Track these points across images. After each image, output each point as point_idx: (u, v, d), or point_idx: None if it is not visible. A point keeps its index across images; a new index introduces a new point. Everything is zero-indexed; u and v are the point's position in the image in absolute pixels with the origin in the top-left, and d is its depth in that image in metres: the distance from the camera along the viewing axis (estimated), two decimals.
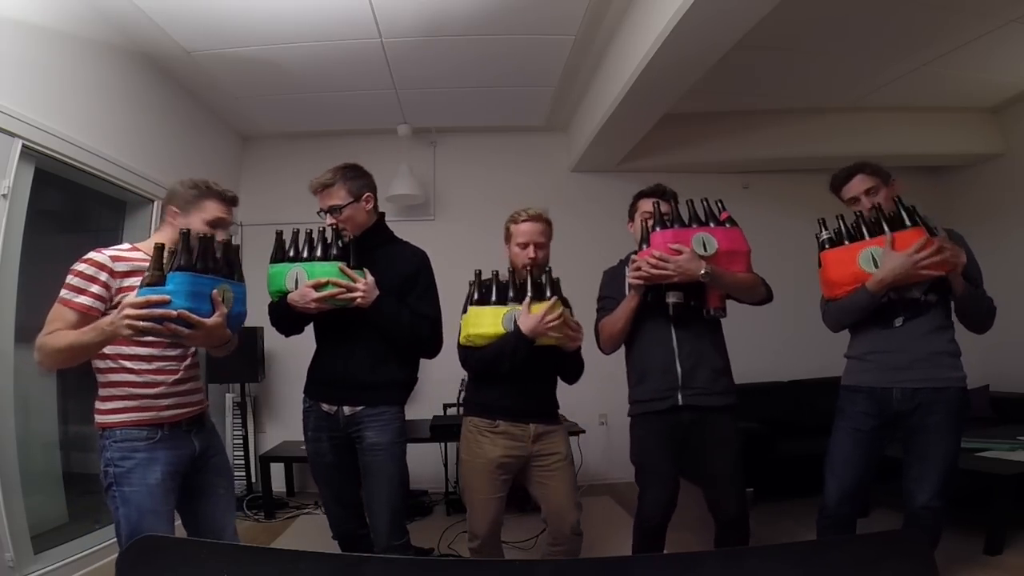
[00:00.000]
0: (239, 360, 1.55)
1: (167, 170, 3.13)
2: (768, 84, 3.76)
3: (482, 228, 3.88)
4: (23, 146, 2.29)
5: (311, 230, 1.85)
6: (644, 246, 1.87)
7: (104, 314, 1.43)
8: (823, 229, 1.89)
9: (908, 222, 1.74)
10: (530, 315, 1.76)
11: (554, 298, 1.78)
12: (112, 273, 1.47)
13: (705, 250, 1.80)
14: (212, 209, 1.59)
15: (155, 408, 1.51)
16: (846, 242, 1.83)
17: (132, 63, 3.02)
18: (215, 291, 1.44)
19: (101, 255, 1.48)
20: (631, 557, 1.43)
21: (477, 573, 0.91)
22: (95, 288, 1.45)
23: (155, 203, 3.17)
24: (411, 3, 2.75)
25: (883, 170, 1.91)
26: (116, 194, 3.03)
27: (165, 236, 1.54)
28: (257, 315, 1.66)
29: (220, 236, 1.55)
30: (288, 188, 4.07)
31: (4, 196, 2.21)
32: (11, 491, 2.18)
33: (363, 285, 1.78)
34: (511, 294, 1.84)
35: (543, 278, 1.83)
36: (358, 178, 1.92)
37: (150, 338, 1.42)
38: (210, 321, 1.42)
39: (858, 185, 1.89)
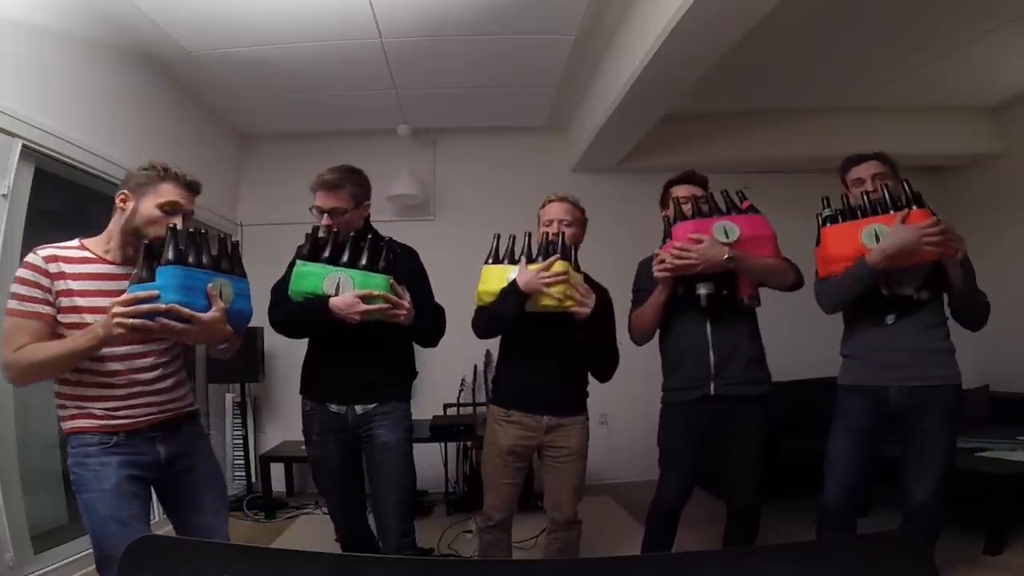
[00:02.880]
0: (239, 360, 1.56)
1: None
2: (768, 84, 3.75)
3: (482, 228, 3.84)
4: (23, 146, 2.28)
5: (353, 232, 1.81)
6: (667, 240, 1.89)
7: (55, 316, 1.37)
8: (826, 206, 1.89)
9: (914, 205, 1.74)
10: (526, 270, 1.78)
11: (555, 256, 1.78)
12: (46, 274, 1.38)
13: (727, 237, 1.80)
14: (167, 192, 1.45)
15: (105, 416, 1.43)
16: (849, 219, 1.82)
17: (132, 63, 3.02)
18: (210, 285, 1.40)
19: (35, 256, 1.40)
20: (631, 557, 1.43)
21: (477, 573, 0.91)
22: (38, 292, 1.37)
23: None
24: (411, 3, 2.75)
25: (896, 168, 1.91)
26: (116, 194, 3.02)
27: (115, 226, 1.48)
28: (257, 315, 1.65)
29: (174, 223, 1.43)
30: (287, 188, 4.08)
31: (4, 196, 2.21)
32: (11, 491, 2.18)
33: (408, 303, 1.76)
34: (524, 256, 1.85)
35: (557, 242, 1.83)
36: (362, 185, 1.91)
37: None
38: (206, 316, 1.38)
39: (869, 168, 1.89)
